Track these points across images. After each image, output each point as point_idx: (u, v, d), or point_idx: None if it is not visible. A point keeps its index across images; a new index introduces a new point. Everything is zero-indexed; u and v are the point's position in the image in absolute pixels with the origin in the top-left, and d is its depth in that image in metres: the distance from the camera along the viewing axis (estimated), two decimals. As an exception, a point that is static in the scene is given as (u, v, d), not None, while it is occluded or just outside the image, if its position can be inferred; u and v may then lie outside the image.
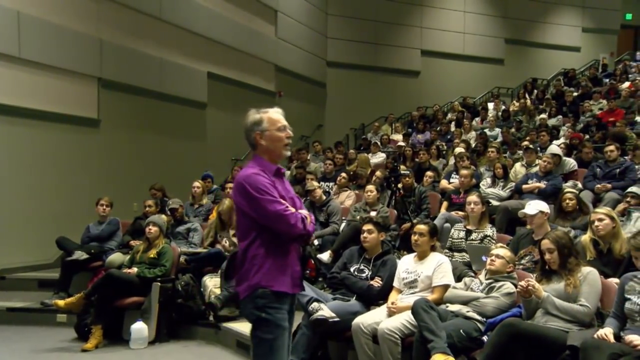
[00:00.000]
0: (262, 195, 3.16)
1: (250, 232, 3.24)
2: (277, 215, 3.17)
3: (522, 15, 21.21)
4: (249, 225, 3.25)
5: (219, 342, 6.47)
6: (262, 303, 3.18)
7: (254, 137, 3.40)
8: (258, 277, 3.19)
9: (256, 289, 3.18)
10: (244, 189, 3.19)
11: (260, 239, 3.22)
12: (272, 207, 3.16)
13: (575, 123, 13.19)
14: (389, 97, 18.24)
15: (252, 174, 3.24)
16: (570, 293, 4.43)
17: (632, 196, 6.56)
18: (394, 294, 5.21)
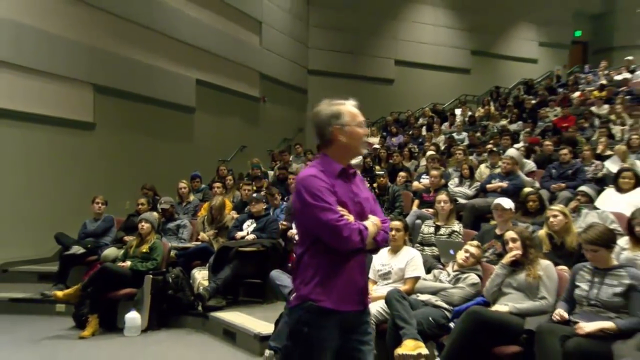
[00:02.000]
0: (315, 202, 2.57)
1: (306, 239, 2.71)
2: (328, 225, 2.56)
3: (487, 29, 21.35)
4: (304, 231, 2.73)
5: (207, 330, 6.47)
6: (306, 318, 2.62)
7: (331, 132, 2.73)
8: (307, 289, 2.64)
9: (304, 301, 2.63)
10: (299, 192, 2.64)
11: (315, 247, 2.65)
12: (324, 216, 2.55)
13: (533, 128, 13.30)
14: (366, 103, 17.69)
15: (309, 175, 2.65)
16: (531, 282, 4.56)
17: (582, 195, 6.65)
18: (369, 285, 5.25)
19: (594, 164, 8.67)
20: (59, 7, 9.38)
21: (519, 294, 4.60)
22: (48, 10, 9.19)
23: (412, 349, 4.24)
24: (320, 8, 17.96)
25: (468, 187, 8.42)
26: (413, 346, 4.25)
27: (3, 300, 7.45)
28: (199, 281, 6.86)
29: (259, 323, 5.94)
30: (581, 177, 8.00)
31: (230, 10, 13.69)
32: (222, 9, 13.40)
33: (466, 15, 20.84)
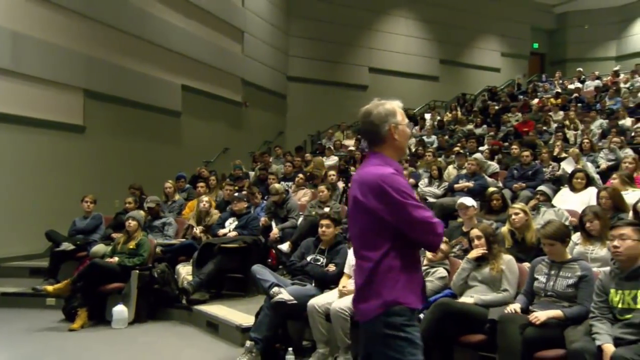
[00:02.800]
0: (406, 200, 2.36)
1: (384, 242, 2.41)
2: (424, 223, 2.39)
3: (454, 40, 21.48)
4: (381, 233, 2.41)
5: (192, 322, 6.44)
6: (400, 321, 2.38)
7: (387, 130, 2.49)
8: (395, 293, 2.39)
9: (392, 305, 2.38)
10: (383, 190, 2.36)
11: (396, 249, 2.41)
12: (419, 213, 2.37)
13: (497, 132, 13.42)
14: (342, 107, 18.25)
15: (389, 173, 2.40)
16: (494, 275, 4.61)
17: (541, 194, 6.73)
18: (344, 278, 5.23)
19: (551, 166, 8.79)
20: (53, 17, 9.29)
21: (483, 286, 4.64)
22: (43, 19, 9.11)
23: (384, 338, 4.24)
24: (299, 19, 17.94)
25: (437, 187, 8.47)
26: (385, 335, 4.26)
27: (-4, 295, 7.39)
28: (183, 276, 6.81)
29: (240, 315, 5.93)
30: (540, 178, 8.10)
31: (214, 20, 13.63)
32: (207, 19, 13.33)
33: (435, 27, 20.94)
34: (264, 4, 16.04)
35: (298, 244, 6.27)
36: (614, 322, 3.74)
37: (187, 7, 12.61)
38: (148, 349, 5.63)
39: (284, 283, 5.28)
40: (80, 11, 9.79)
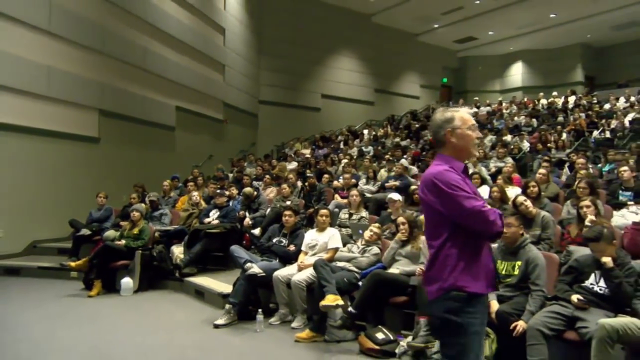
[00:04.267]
0: (455, 192, 2.11)
1: (442, 231, 2.17)
2: (475, 211, 2.09)
3: (385, 74, 21.64)
4: (440, 223, 2.19)
5: (183, 290, 6.38)
6: (456, 306, 2.10)
7: (444, 135, 2.27)
8: (452, 279, 2.12)
9: (449, 291, 2.12)
10: (435, 185, 2.15)
11: (453, 238, 2.15)
12: (469, 203, 2.09)
13: (417, 144, 13.58)
14: (300, 124, 18.26)
15: (442, 170, 2.19)
16: (415, 251, 4.67)
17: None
18: (302, 255, 5.24)
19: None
20: (76, 53, 9.14)
21: (406, 260, 4.69)
22: (68, 56, 8.98)
23: (332, 301, 4.26)
24: (268, 56, 17.80)
25: (372, 185, 8.53)
26: (333, 299, 4.27)
27: (33, 268, 7.32)
28: (176, 255, 6.72)
29: (221, 285, 5.88)
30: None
31: (202, 56, 13.43)
32: (196, 55, 13.12)
33: (371, 64, 21.05)
34: (241, 45, 15.87)
35: (266, 229, 6.24)
36: (499, 285, 3.85)
37: (180, 45, 12.39)
38: (149, 311, 5.53)
39: (255, 259, 5.25)
40: (96, 49, 9.62)
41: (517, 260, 3.81)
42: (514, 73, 24.41)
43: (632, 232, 4.18)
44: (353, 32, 20.07)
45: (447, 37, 22.31)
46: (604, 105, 14.91)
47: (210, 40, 14.00)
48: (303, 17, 18.47)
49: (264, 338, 4.55)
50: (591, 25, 19.73)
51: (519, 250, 3.85)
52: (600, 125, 12.50)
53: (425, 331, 3.85)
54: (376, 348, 3.99)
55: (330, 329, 4.40)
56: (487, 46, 23.34)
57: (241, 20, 15.89)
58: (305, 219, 7.02)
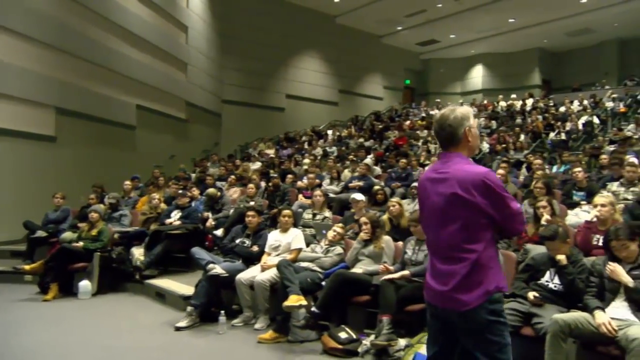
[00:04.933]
0: (505, 193, 2.08)
1: (485, 234, 2.09)
2: (520, 214, 2.12)
3: (349, 75, 21.80)
4: (484, 226, 2.08)
5: (144, 293, 6.24)
6: (499, 307, 2.08)
7: (463, 133, 2.18)
8: (495, 281, 2.08)
9: (494, 293, 2.06)
10: (489, 187, 2.04)
11: (493, 239, 2.13)
12: (514, 205, 2.10)
13: (380, 145, 13.73)
14: (264, 124, 18.19)
15: (488, 171, 2.12)
16: (377, 251, 4.72)
17: (414, 188, 6.94)
18: (265, 256, 5.21)
19: (419, 170, 9.07)
20: (34, 50, 8.84)
21: (369, 260, 4.73)
22: (23, 51, 8.65)
23: (295, 301, 4.25)
24: (232, 55, 17.63)
25: (336, 185, 8.56)
26: (296, 299, 4.27)
27: (-16, 273, 6.98)
28: (136, 256, 6.56)
29: (183, 287, 5.80)
30: (411, 179, 8.33)
31: (164, 54, 13.17)
32: (158, 53, 12.85)
33: (335, 65, 21.15)
34: (204, 43, 15.66)
35: (229, 230, 6.17)
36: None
37: (141, 43, 12.12)
38: (109, 314, 5.39)
39: (218, 261, 5.20)
40: (54, 45, 9.31)
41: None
42: (474, 76, 25.01)
43: (584, 230, 4.34)
44: (317, 33, 20.12)
45: (410, 39, 22.66)
46: (560, 108, 15.46)
47: (173, 38, 13.77)
48: (268, 16, 18.39)
49: (226, 339, 4.50)
50: (547, 31, 20.45)
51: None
52: (556, 127, 12.95)
53: (387, 329, 3.90)
54: (339, 347, 4.01)
55: (293, 329, 4.40)
56: (449, 49, 23.83)
57: (205, 18, 15.69)
58: (268, 220, 7.00)
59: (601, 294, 3.32)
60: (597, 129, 13.00)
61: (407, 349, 3.68)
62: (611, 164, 6.92)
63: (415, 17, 19.71)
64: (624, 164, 6.11)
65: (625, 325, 3.02)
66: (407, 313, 4.07)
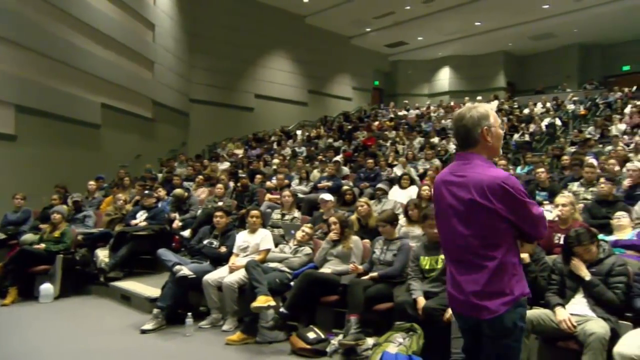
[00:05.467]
0: (525, 199, 1.99)
1: (505, 240, 2.01)
2: (542, 218, 2.04)
3: (318, 75, 21.83)
4: (503, 232, 2.01)
5: (108, 295, 6.09)
6: (523, 312, 2.06)
7: (480, 133, 2.08)
8: (521, 287, 2.03)
9: (520, 298, 2.02)
10: (507, 192, 1.96)
11: (514, 245, 2.05)
12: (536, 210, 2.02)
13: (349, 145, 13.79)
14: (233, 124, 18.04)
15: (508, 176, 2.01)
16: (346, 251, 4.73)
17: (380, 190, 7.01)
18: (233, 257, 5.18)
19: (387, 170, 9.16)
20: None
21: (337, 260, 4.75)
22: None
23: (264, 302, 4.24)
24: (200, 54, 17.41)
25: (305, 185, 8.57)
26: (264, 300, 4.25)
27: None
28: (101, 258, 6.39)
29: (149, 289, 5.68)
30: (379, 179, 8.41)
31: (130, 52, 12.91)
32: (123, 50, 12.59)
33: (305, 65, 21.15)
34: (172, 42, 15.41)
35: (197, 231, 6.10)
36: (424, 280, 4.00)
37: (106, 40, 11.85)
38: (72, 318, 5.25)
39: (185, 262, 5.13)
40: (14, 41, 9.03)
41: (440, 254, 3.97)
42: (441, 78, 25.42)
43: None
44: (287, 33, 20.07)
45: (379, 41, 22.85)
46: (524, 110, 15.85)
47: (139, 36, 13.52)
48: (236, 15, 18.24)
49: (194, 342, 4.45)
50: (512, 35, 20.95)
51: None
52: (520, 129, 13.27)
53: (355, 329, 3.93)
54: (307, 347, 4.01)
55: (261, 330, 4.38)
56: (417, 51, 24.15)
57: (172, 16, 15.45)
58: (237, 220, 6.95)
59: (562, 291, 3.42)
60: (559, 130, 13.39)
61: (375, 347, 3.70)
62: (572, 164, 7.15)
63: (384, 19, 19.89)
64: (583, 165, 6.33)
65: (584, 320, 3.13)
66: (375, 312, 4.11)
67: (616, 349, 2.86)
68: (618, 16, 18.32)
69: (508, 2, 17.34)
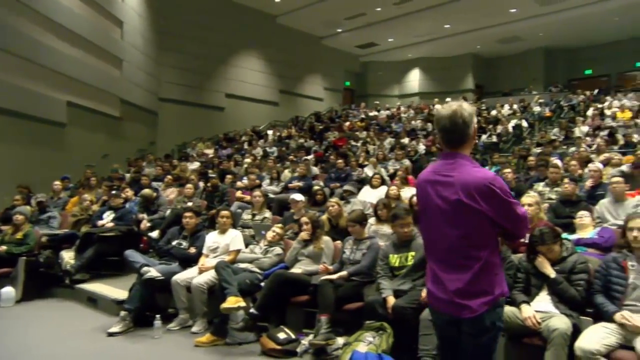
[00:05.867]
0: (510, 199, 2.01)
1: (490, 240, 2.04)
2: (525, 218, 2.05)
3: (290, 75, 21.79)
4: (489, 232, 2.03)
5: (74, 298, 5.94)
6: (501, 312, 2.09)
7: (472, 131, 2.07)
8: (500, 287, 2.04)
9: (499, 298, 2.03)
10: (494, 193, 1.96)
11: (497, 245, 2.07)
12: (520, 210, 2.03)
13: (320, 145, 13.82)
14: (203, 124, 17.85)
15: (495, 176, 2.03)
16: (317, 251, 4.74)
17: (347, 191, 7.05)
18: (203, 258, 5.12)
19: (358, 170, 9.21)
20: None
21: (308, 260, 4.76)
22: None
23: (234, 303, 4.20)
24: (169, 52, 17.13)
25: (276, 186, 8.55)
26: (235, 301, 4.22)
27: None
28: (66, 260, 6.23)
29: (116, 291, 5.57)
30: (350, 179, 8.44)
31: (98, 49, 12.61)
32: (91, 48, 12.29)
33: (276, 65, 21.08)
34: (141, 39, 15.13)
35: (165, 232, 6.01)
36: (393, 278, 4.04)
37: (73, 37, 11.55)
38: (35, 322, 5.10)
39: (153, 263, 5.05)
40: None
41: (410, 251, 4.03)
42: (411, 79, 25.71)
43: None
44: (258, 32, 19.96)
45: (350, 41, 22.96)
46: (491, 112, 16.18)
47: (107, 33, 13.23)
48: (207, 14, 18.05)
49: (162, 344, 4.38)
50: (480, 38, 21.38)
51: (411, 242, 4.07)
52: (488, 130, 13.53)
53: (326, 329, 3.93)
54: (278, 348, 4.00)
55: (231, 331, 4.34)
56: (388, 52, 24.37)
57: (141, 13, 15.18)
58: (207, 221, 6.87)
59: (527, 289, 3.50)
60: (526, 132, 13.72)
61: (345, 347, 3.72)
62: (537, 165, 7.34)
63: (355, 19, 20.00)
64: (548, 166, 6.50)
65: (548, 317, 3.21)
66: (345, 312, 4.13)
67: (577, 344, 2.95)
68: (581, 22, 18.93)
69: (477, 5, 17.68)
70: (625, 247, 3.27)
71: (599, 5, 17.27)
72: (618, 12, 17.88)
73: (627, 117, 12.89)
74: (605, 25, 19.37)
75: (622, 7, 17.33)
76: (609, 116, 13.19)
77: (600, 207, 5.06)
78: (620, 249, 3.31)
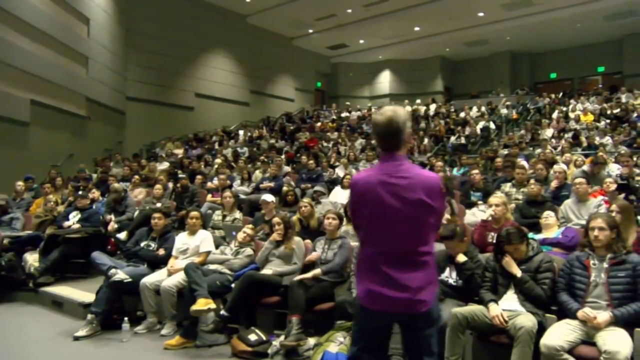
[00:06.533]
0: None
1: (433, 234, 2.20)
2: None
3: (260, 75, 21.65)
4: (433, 228, 2.18)
5: (38, 302, 5.76)
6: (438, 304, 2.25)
7: (406, 135, 2.18)
8: (437, 282, 2.23)
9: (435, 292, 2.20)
10: (441, 191, 2.15)
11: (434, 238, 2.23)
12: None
13: (291, 146, 13.81)
14: (172, 124, 17.58)
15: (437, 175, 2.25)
16: (288, 252, 4.73)
17: (318, 192, 7.06)
18: (172, 259, 5.04)
19: (329, 171, 9.24)
20: None
21: (279, 261, 4.74)
22: None
23: (203, 305, 4.16)
24: (137, 50, 16.80)
25: (247, 186, 8.49)
26: (204, 303, 4.18)
27: None
28: (30, 263, 6.04)
29: (83, 294, 5.44)
30: (321, 180, 8.47)
31: (62, 46, 12.28)
32: (55, 45, 11.95)
33: (246, 65, 20.92)
34: (107, 37, 14.79)
35: (133, 233, 5.89)
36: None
37: (36, 34, 11.21)
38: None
39: (120, 265, 4.95)
40: None
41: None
42: (382, 81, 25.94)
43: (480, 229, 4.66)
44: (228, 32, 19.79)
45: (320, 42, 23.01)
46: (460, 114, 16.46)
47: (72, 30, 12.90)
48: (176, 12, 17.79)
49: (130, 347, 4.30)
50: (448, 41, 21.73)
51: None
52: (456, 131, 13.77)
53: (297, 329, 3.94)
54: (248, 350, 3.98)
55: (201, 333, 4.30)
56: (358, 54, 24.50)
57: (108, 11, 14.84)
58: (176, 222, 6.78)
59: (495, 288, 3.58)
60: (493, 133, 14.01)
61: (316, 347, 3.73)
62: (504, 166, 7.50)
63: (326, 20, 20.05)
64: (515, 167, 6.65)
65: (515, 315, 3.29)
66: (316, 312, 4.14)
67: (542, 341, 3.03)
68: (546, 27, 19.44)
69: (445, 8, 17.96)
70: (588, 246, 3.37)
71: (562, 12, 17.79)
72: (580, 18, 18.47)
73: (589, 119, 13.31)
74: (568, 31, 19.96)
75: (583, 14, 17.91)
76: (573, 119, 13.59)
77: (564, 208, 5.20)
78: (583, 247, 3.42)
